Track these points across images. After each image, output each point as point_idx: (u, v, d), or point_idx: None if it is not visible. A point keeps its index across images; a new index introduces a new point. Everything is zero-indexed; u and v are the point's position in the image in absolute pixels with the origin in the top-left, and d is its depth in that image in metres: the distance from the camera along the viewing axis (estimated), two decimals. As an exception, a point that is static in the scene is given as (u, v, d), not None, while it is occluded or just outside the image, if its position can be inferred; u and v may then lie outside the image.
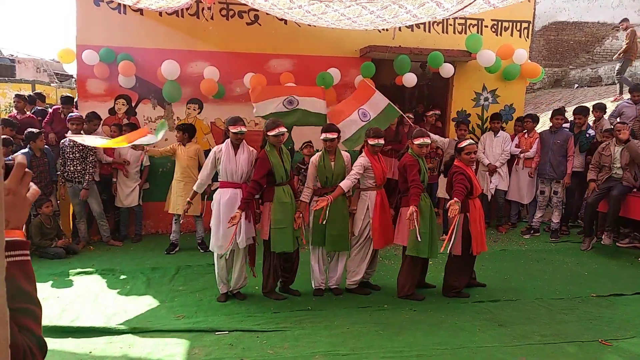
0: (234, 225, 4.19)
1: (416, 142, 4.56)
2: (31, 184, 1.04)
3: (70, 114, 6.38)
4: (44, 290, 4.73)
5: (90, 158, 6.22)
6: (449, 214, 4.19)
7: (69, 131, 6.15)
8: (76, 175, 6.19)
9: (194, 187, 4.72)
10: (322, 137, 4.62)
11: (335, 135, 4.61)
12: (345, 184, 4.46)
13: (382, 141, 4.60)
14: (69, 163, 6.17)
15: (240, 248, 4.50)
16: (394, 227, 4.72)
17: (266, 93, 5.56)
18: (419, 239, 4.30)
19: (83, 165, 6.20)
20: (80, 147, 6.19)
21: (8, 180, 0.99)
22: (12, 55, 16.94)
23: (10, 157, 1.05)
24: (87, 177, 6.18)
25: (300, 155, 6.53)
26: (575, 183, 6.99)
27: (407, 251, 4.53)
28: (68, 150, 6.17)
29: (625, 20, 10.86)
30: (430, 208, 4.57)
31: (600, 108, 7.48)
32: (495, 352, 3.59)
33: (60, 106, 7.18)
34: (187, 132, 6.13)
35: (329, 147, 4.62)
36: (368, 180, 4.61)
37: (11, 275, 0.95)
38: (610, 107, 8.75)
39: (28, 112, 7.50)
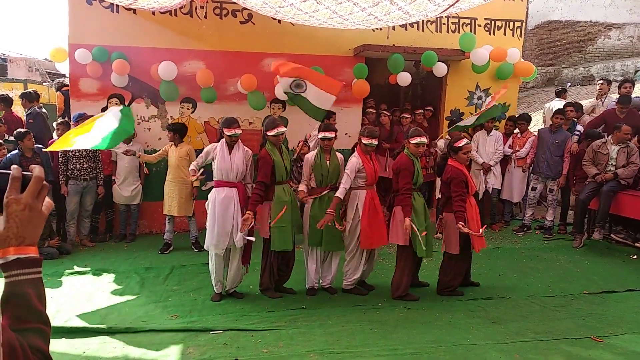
0: (247, 227, 4.27)
1: (413, 141, 4.53)
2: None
3: (78, 113, 6.35)
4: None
5: (99, 156, 6.31)
6: (459, 230, 4.38)
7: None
8: (82, 173, 6.19)
9: (192, 166, 4.56)
10: (320, 136, 4.60)
11: (333, 135, 4.60)
12: (341, 193, 4.44)
13: (375, 141, 4.59)
14: (74, 161, 6.16)
15: (237, 247, 4.50)
16: (387, 227, 4.70)
17: (292, 71, 5.48)
18: (424, 248, 4.41)
19: (90, 163, 6.24)
20: None
21: (25, 194, 0.96)
22: (3, 55, 16.78)
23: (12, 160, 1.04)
24: (100, 175, 6.34)
25: (291, 153, 6.54)
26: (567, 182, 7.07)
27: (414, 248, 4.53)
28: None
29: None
30: (424, 207, 4.58)
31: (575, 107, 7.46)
32: (488, 349, 3.61)
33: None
34: (177, 132, 6.10)
35: (326, 146, 4.61)
36: (359, 180, 4.57)
37: (25, 294, 0.94)
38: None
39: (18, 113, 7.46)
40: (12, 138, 6.23)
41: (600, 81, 8.07)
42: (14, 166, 0.97)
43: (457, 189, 4.47)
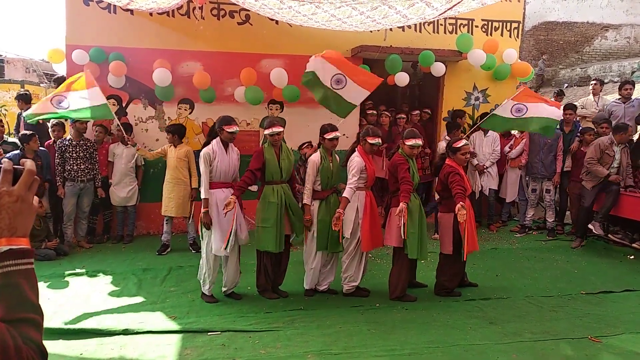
0: (229, 210, 4.18)
1: (408, 142, 4.50)
2: None
3: None
4: (34, 292, 4.68)
5: (96, 157, 6.30)
6: (458, 219, 4.19)
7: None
8: (79, 174, 6.17)
9: (203, 194, 4.43)
10: (329, 137, 4.49)
11: (339, 134, 4.59)
12: (349, 193, 4.39)
13: (380, 140, 4.56)
14: (71, 162, 6.14)
15: (240, 245, 4.50)
16: (383, 229, 4.68)
17: (334, 61, 5.43)
18: (403, 237, 4.29)
19: (87, 164, 6.22)
20: (85, 147, 6.20)
21: (17, 186, 0.98)
22: (0, 55, 16.75)
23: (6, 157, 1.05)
24: (98, 176, 6.31)
25: (296, 154, 6.51)
26: (566, 183, 7.07)
27: (405, 250, 4.49)
28: (70, 149, 6.14)
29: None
30: (419, 208, 4.54)
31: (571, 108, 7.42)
32: (486, 349, 3.62)
33: None
34: (176, 133, 6.10)
35: (332, 147, 4.57)
36: (360, 180, 4.52)
37: (18, 284, 0.96)
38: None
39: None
40: (11, 139, 6.22)
41: (593, 82, 8.08)
42: (5, 160, 0.99)
43: (453, 179, 4.45)
